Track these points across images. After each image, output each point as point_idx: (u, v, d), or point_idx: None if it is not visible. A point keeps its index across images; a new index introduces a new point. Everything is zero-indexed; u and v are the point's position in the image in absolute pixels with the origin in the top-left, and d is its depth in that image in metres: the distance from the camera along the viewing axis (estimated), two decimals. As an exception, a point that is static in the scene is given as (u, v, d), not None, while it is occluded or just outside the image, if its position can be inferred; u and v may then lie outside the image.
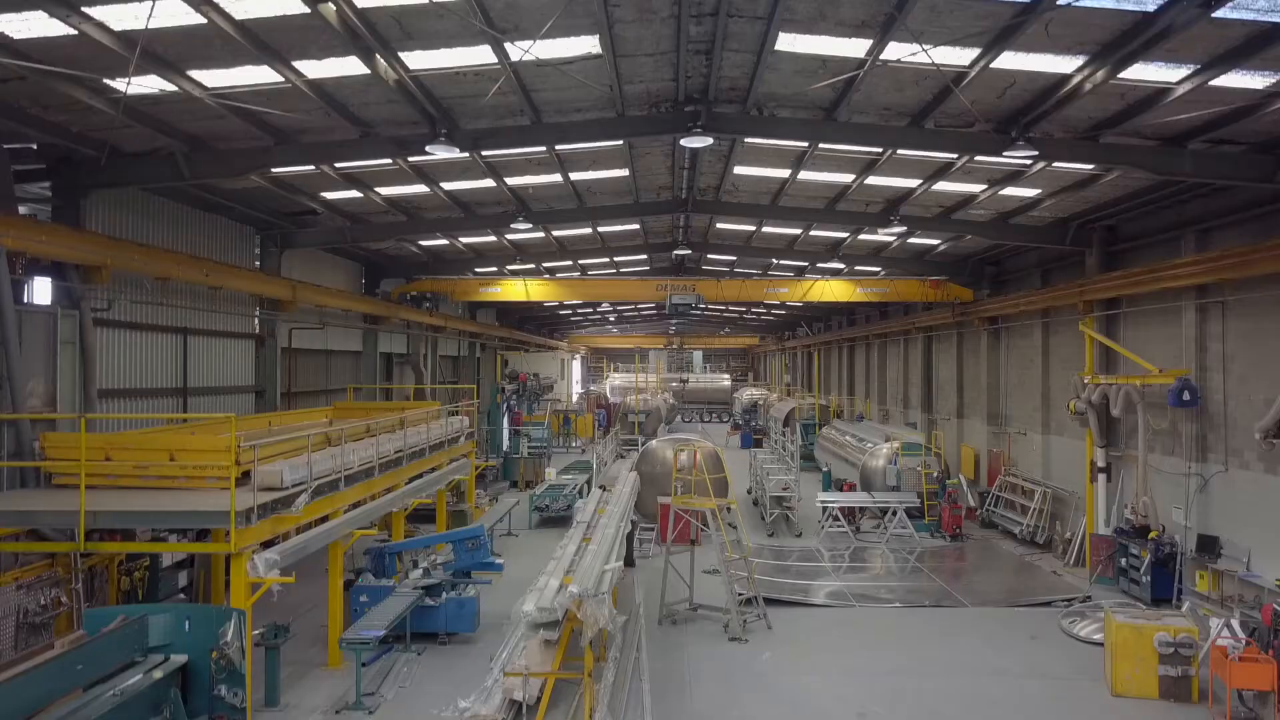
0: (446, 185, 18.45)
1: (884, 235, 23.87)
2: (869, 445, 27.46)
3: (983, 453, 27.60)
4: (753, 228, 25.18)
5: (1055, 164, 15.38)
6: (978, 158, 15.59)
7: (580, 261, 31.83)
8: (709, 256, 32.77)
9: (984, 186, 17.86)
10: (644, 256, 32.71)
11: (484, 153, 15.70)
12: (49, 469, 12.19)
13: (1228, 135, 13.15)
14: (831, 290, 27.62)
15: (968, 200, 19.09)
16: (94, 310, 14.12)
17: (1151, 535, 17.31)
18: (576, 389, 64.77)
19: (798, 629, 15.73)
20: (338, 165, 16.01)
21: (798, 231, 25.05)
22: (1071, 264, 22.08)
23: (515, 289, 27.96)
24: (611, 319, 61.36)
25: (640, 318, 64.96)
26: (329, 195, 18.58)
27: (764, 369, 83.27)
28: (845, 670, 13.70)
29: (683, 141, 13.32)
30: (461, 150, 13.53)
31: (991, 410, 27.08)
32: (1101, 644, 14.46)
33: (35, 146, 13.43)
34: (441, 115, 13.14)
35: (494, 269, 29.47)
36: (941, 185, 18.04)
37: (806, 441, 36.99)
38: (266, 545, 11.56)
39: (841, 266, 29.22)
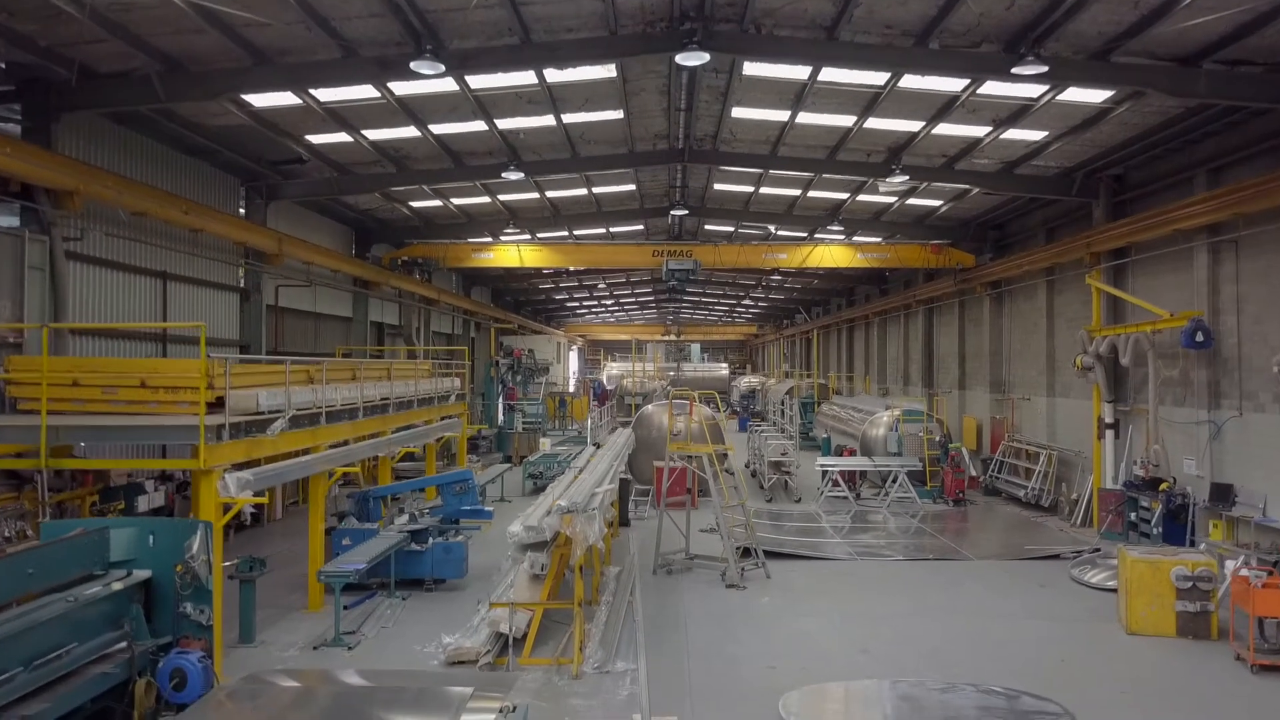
0: (436, 129, 17.89)
1: (884, 194, 23.37)
2: (869, 415, 26.95)
3: (985, 423, 27.08)
4: (751, 188, 24.64)
5: (1064, 94, 14.85)
6: (982, 90, 15.07)
7: (575, 232, 31.31)
8: (706, 227, 32.26)
9: (988, 128, 17.32)
10: (640, 227, 32.16)
11: (472, 82, 15.15)
12: (14, 393, 11.60)
13: (1244, 54, 12.63)
14: (832, 255, 27.07)
15: (971, 146, 18.56)
16: (66, 239, 13.56)
17: (1163, 487, 16.78)
18: (573, 377, 64.17)
19: (797, 578, 15.20)
20: (322, 99, 15.45)
21: (796, 192, 24.52)
22: (1077, 220, 21.57)
23: (508, 255, 27.39)
24: (608, 303, 60.81)
25: (637, 305, 64.51)
26: (315, 139, 18.02)
27: (762, 360, 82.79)
28: (846, 613, 13.16)
29: (678, 59, 12.77)
30: (448, 70, 12.99)
31: (994, 378, 26.56)
32: (1113, 590, 13.99)
33: (3, 66, 12.88)
34: (427, 31, 12.59)
35: (488, 238, 28.89)
36: (944, 128, 17.51)
37: (805, 420, 36.54)
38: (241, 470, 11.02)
39: (841, 234, 28.69)
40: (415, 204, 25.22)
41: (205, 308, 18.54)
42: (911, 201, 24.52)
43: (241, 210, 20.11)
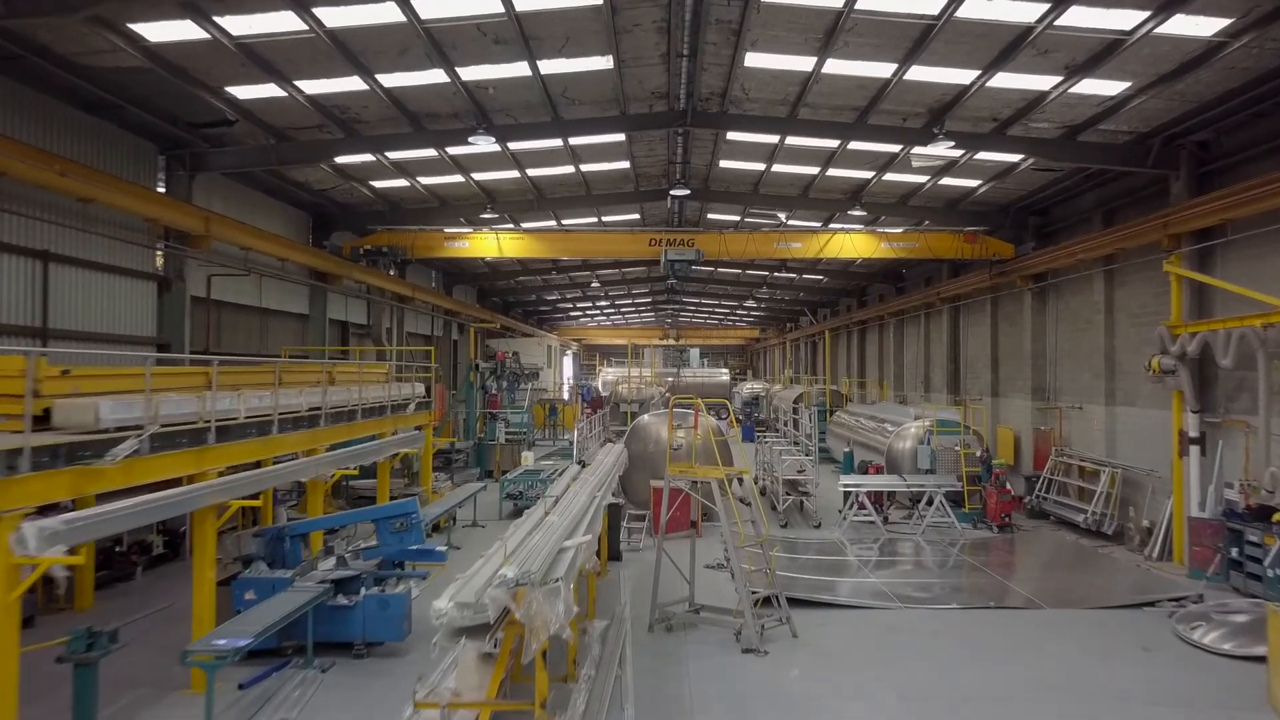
0: (386, 80, 14.74)
1: (917, 170, 20.27)
2: (894, 426, 23.78)
3: (1025, 433, 23.89)
4: (762, 165, 21.49)
5: (1167, 25, 11.75)
6: (1063, 20, 11.95)
7: (564, 222, 28.21)
8: (709, 216, 29.16)
9: (1058, 79, 14.21)
10: (636, 216, 29.08)
11: (420, 9, 11.99)
12: None
13: None
14: (853, 245, 23.90)
15: (1032, 105, 15.44)
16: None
17: (1276, 518, 13.61)
18: (568, 383, 60.90)
19: (830, 637, 12.00)
20: (234, 31, 12.29)
21: (814, 170, 21.37)
22: (1143, 199, 18.47)
23: (486, 244, 24.20)
24: (603, 304, 57.65)
25: (634, 306, 61.44)
26: (239, 92, 14.85)
27: (764, 364, 79.73)
28: (905, 694, 9.94)
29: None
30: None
31: (1037, 383, 23.39)
32: (1241, 658, 10.88)
33: None
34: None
35: (466, 228, 25.68)
36: (1003, 79, 14.40)
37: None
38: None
39: (862, 220, 25.57)
40: (378, 184, 22.05)
41: (107, 298, 15.33)
42: (945, 182, 21.39)
43: (161, 185, 16.93)
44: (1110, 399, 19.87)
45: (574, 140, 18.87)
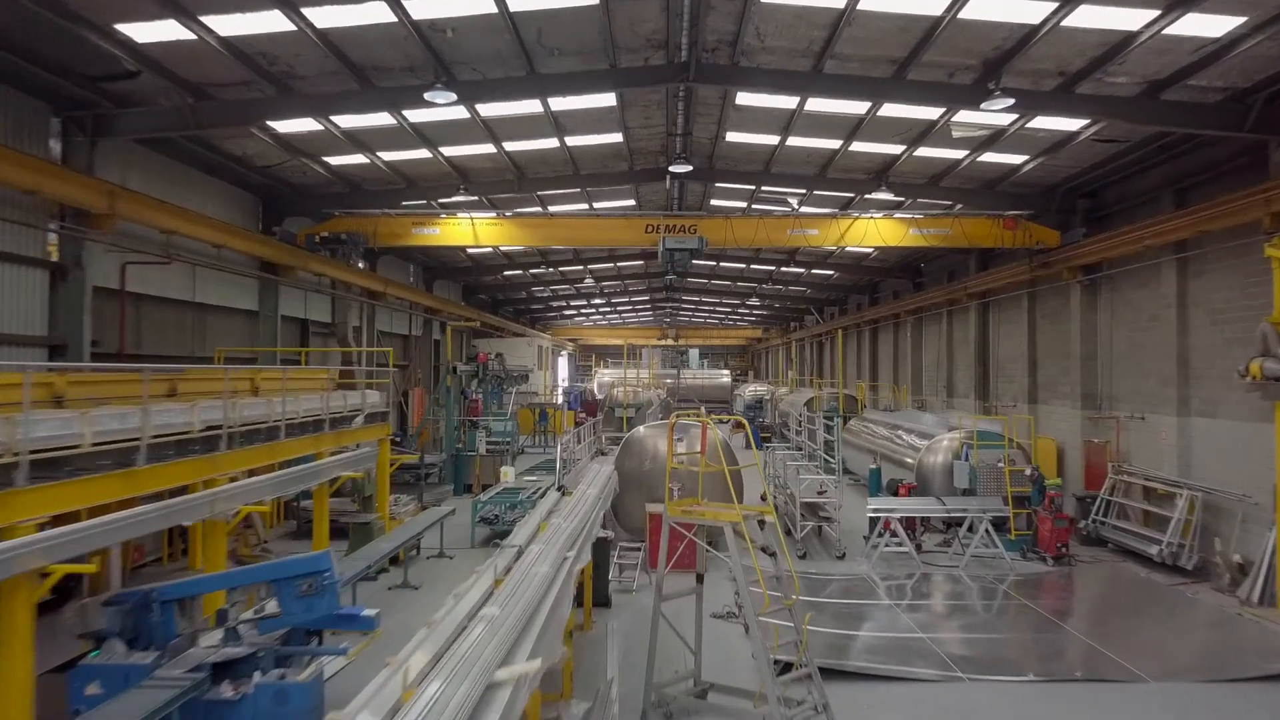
0: (315, 16, 11.86)
1: (958, 140, 17.43)
2: (922, 438, 20.94)
3: (1073, 446, 21.03)
4: (775, 138, 18.62)
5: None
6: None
7: (551, 209, 25.35)
8: (713, 202, 26.30)
9: (1152, 16, 11.38)
10: (631, 202, 26.22)
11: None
12: None
13: None
14: (879, 231, 21.02)
15: (1114, 52, 12.59)
16: None
17: None
18: (561, 385, 57.97)
19: (881, 729, 9.15)
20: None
21: (836, 144, 18.51)
22: (1226, 174, 15.67)
23: (459, 231, 21.30)
24: (598, 302, 54.78)
25: (630, 305, 58.64)
26: (135, 32, 11.97)
27: (766, 366, 76.94)
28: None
29: None
30: None
31: (1087, 390, 20.52)
32: None
33: None
34: None
35: (439, 214, 22.81)
36: (1082, 15, 11.58)
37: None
38: None
39: (886, 204, 22.72)
40: (334, 160, 19.17)
41: (-24, 287, 12.47)
42: (985, 158, 18.56)
43: (56, 145, 14.01)
44: (1184, 408, 17.00)
45: (555, 104, 16.01)
